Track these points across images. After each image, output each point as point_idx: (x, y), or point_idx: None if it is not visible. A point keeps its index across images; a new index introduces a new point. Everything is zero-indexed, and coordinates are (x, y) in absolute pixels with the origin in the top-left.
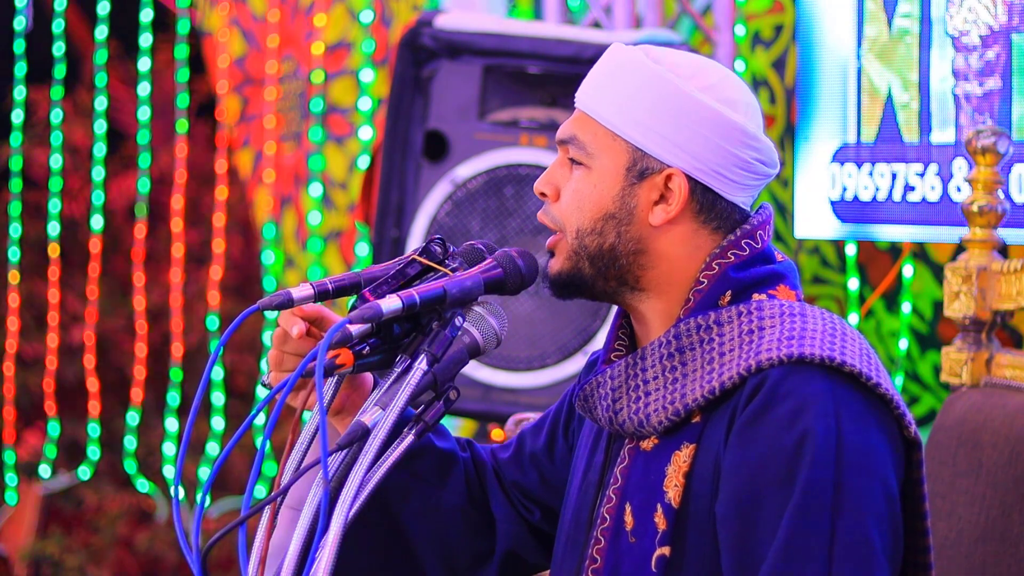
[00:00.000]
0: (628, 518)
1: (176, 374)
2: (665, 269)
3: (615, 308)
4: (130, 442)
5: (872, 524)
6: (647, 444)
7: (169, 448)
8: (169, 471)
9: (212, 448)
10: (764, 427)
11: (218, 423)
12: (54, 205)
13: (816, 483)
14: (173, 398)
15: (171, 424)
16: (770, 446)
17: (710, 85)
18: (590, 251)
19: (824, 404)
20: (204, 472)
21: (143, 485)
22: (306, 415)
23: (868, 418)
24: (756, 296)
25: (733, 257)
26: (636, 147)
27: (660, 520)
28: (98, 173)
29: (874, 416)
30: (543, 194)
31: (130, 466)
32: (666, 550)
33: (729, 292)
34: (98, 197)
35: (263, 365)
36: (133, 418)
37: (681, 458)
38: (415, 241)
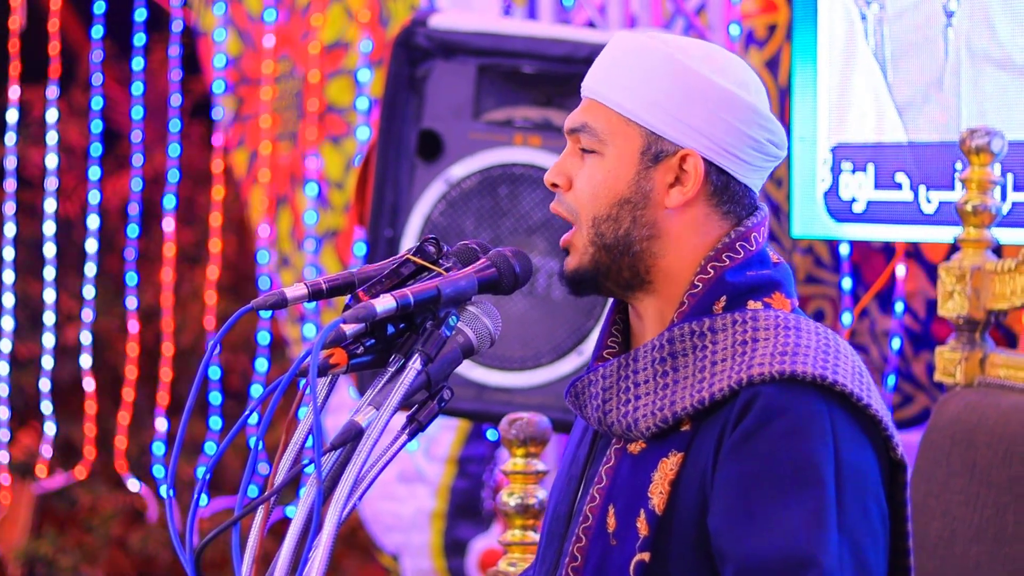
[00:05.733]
0: (611, 519)
1: (167, 374)
2: (674, 258)
3: (609, 304)
4: (120, 441)
5: (868, 541)
6: (634, 447)
7: (159, 448)
8: (159, 471)
9: (209, 448)
10: (760, 444)
11: (215, 422)
12: (49, 204)
13: (819, 502)
14: (163, 397)
15: (160, 424)
16: (765, 462)
17: (720, 67)
18: (607, 240)
19: (821, 424)
20: (201, 472)
21: (133, 485)
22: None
23: (861, 438)
24: (751, 304)
25: (728, 260)
26: (650, 130)
27: (642, 526)
28: (93, 172)
29: (865, 436)
30: (555, 185)
31: (120, 466)
32: (646, 556)
33: (724, 297)
34: (93, 196)
35: (256, 364)
36: (124, 417)
37: (668, 465)
38: (409, 241)
